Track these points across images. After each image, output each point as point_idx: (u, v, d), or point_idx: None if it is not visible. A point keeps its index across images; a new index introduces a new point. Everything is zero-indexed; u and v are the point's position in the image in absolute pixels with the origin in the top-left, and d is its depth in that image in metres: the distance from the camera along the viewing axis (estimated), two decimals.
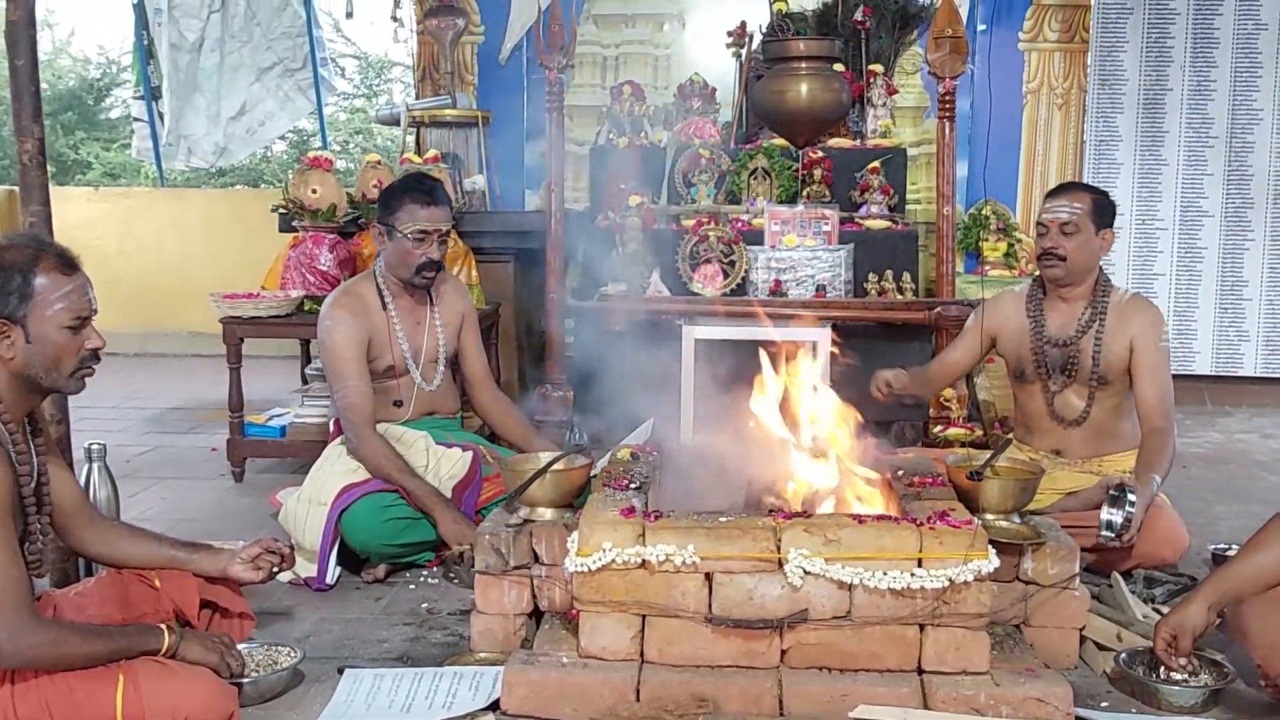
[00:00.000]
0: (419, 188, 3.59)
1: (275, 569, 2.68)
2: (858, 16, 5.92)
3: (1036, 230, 3.50)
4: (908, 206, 5.76)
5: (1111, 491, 3.02)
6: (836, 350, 3.88)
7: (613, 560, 2.44)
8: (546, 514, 2.82)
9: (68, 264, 2.25)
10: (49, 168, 3.07)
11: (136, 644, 2.26)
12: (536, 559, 2.74)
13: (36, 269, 2.20)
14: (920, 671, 2.44)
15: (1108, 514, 2.98)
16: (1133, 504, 2.96)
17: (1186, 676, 2.55)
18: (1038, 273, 3.56)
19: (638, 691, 2.39)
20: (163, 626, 2.33)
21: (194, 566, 2.59)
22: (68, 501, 2.47)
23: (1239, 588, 2.46)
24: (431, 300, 3.69)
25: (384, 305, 3.59)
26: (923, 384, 3.85)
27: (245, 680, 2.48)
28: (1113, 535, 2.97)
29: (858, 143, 5.65)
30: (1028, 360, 3.54)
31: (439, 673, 2.61)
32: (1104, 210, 3.45)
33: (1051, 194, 3.53)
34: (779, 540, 2.43)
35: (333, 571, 3.30)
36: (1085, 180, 6.43)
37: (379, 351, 3.56)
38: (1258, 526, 2.55)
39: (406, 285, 3.60)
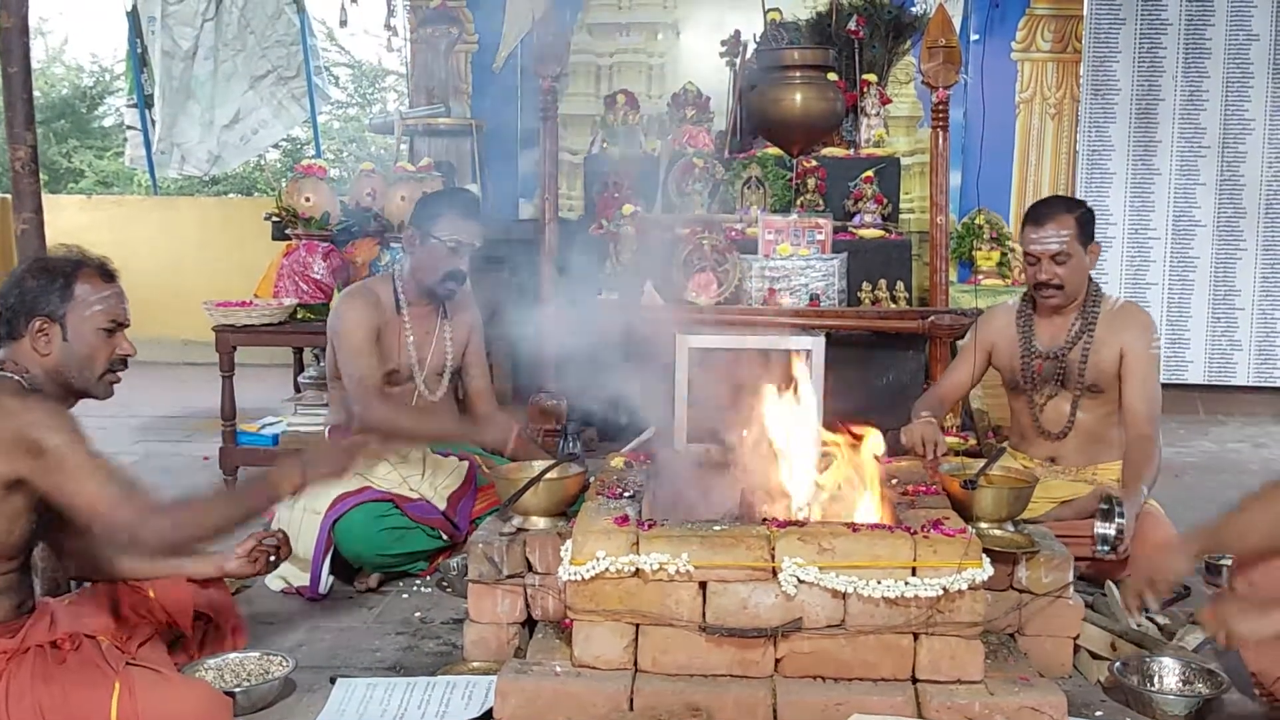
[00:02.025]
0: (463, 200, 3.72)
1: (271, 558, 2.68)
2: (851, 26, 5.93)
3: (1025, 260, 3.44)
4: (901, 216, 5.77)
5: (1101, 505, 3.02)
6: None
7: (606, 569, 2.43)
8: (540, 523, 2.82)
9: (107, 274, 2.40)
10: (41, 176, 3.07)
11: (259, 501, 2.35)
12: (530, 568, 2.74)
13: (78, 275, 2.35)
14: (914, 680, 2.43)
15: (1101, 528, 2.98)
16: (1123, 515, 2.96)
17: (1178, 682, 2.55)
18: (1027, 288, 3.56)
19: (631, 701, 2.39)
20: (274, 472, 2.36)
21: (188, 571, 2.59)
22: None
23: (1224, 542, 2.52)
24: (445, 313, 3.69)
25: (398, 308, 3.60)
26: (940, 414, 3.67)
27: (238, 690, 2.47)
28: (1108, 549, 2.97)
29: (851, 152, 5.66)
30: (1019, 372, 3.55)
31: (432, 682, 2.60)
32: (1088, 225, 3.41)
33: (1034, 220, 3.40)
34: (773, 549, 2.43)
35: (326, 580, 3.29)
36: (1078, 190, 6.46)
37: (387, 352, 3.56)
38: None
39: (425, 293, 3.61)
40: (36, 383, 2.28)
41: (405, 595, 3.32)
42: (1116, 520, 2.96)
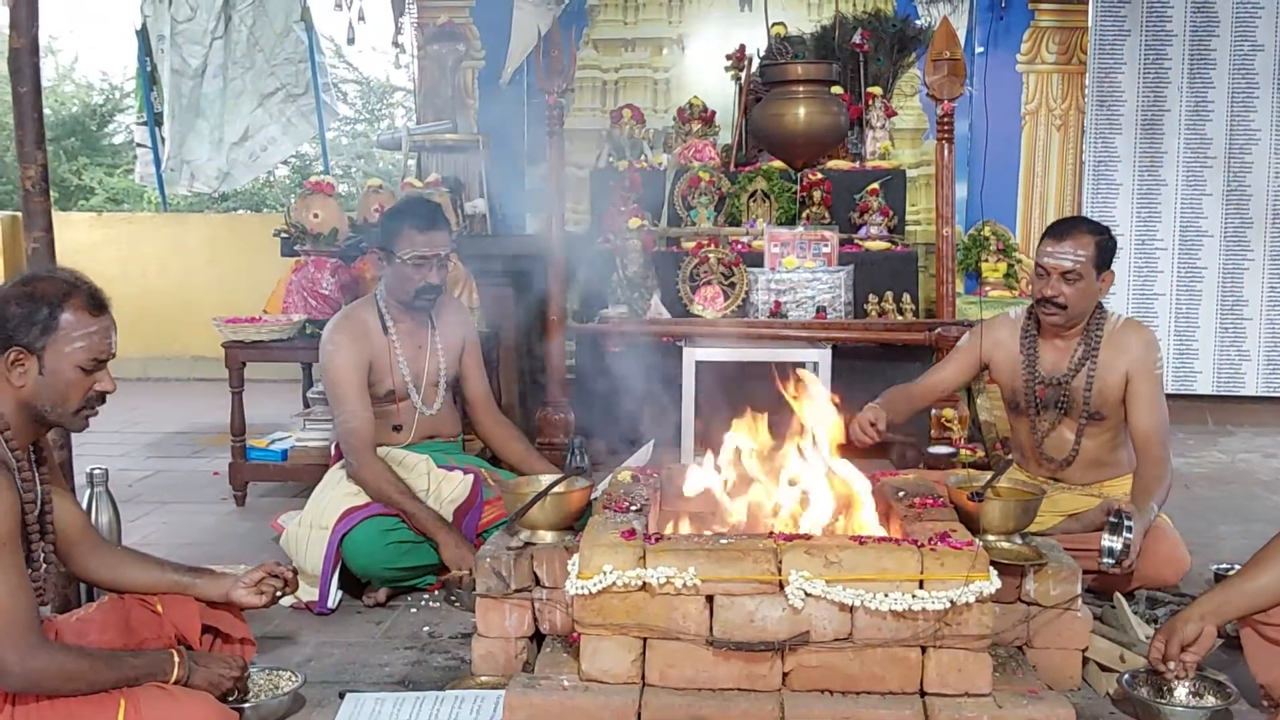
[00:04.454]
0: (417, 212, 3.61)
1: (278, 593, 2.67)
2: (856, 39, 5.96)
3: (1035, 271, 3.35)
4: (907, 228, 5.78)
5: (1110, 518, 3.00)
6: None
7: (613, 583, 2.43)
8: (547, 537, 2.82)
9: (97, 305, 2.28)
10: (52, 193, 3.09)
11: (144, 672, 2.26)
12: (537, 582, 2.74)
13: (65, 305, 2.22)
14: (922, 694, 2.43)
15: (1108, 541, 2.96)
16: (1130, 530, 2.95)
17: (1187, 694, 2.54)
18: (1031, 303, 3.51)
19: (639, 715, 2.39)
20: (173, 653, 2.33)
21: (196, 591, 2.59)
22: (71, 528, 2.48)
23: (1239, 604, 2.45)
24: (433, 324, 3.69)
25: (385, 329, 3.60)
26: (904, 406, 3.57)
27: (246, 705, 2.47)
28: (1113, 562, 2.96)
29: (857, 164, 5.67)
30: (1021, 394, 3.47)
31: (440, 696, 2.60)
32: (1107, 253, 3.30)
33: (1054, 234, 3.33)
34: (780, 562, 2.43)
35: (334, 595, 3.30)
36: (1084, 200, 6.46)
37: (380, 376, 3.57)
38: (1260, 546, 2.54)
39: (407, 309, 3.61)
40: (4, 419, 2.22)
41: (413, 610, 3.32)
42: (1124, 535, 2.95)
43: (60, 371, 2.23)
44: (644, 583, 2.43)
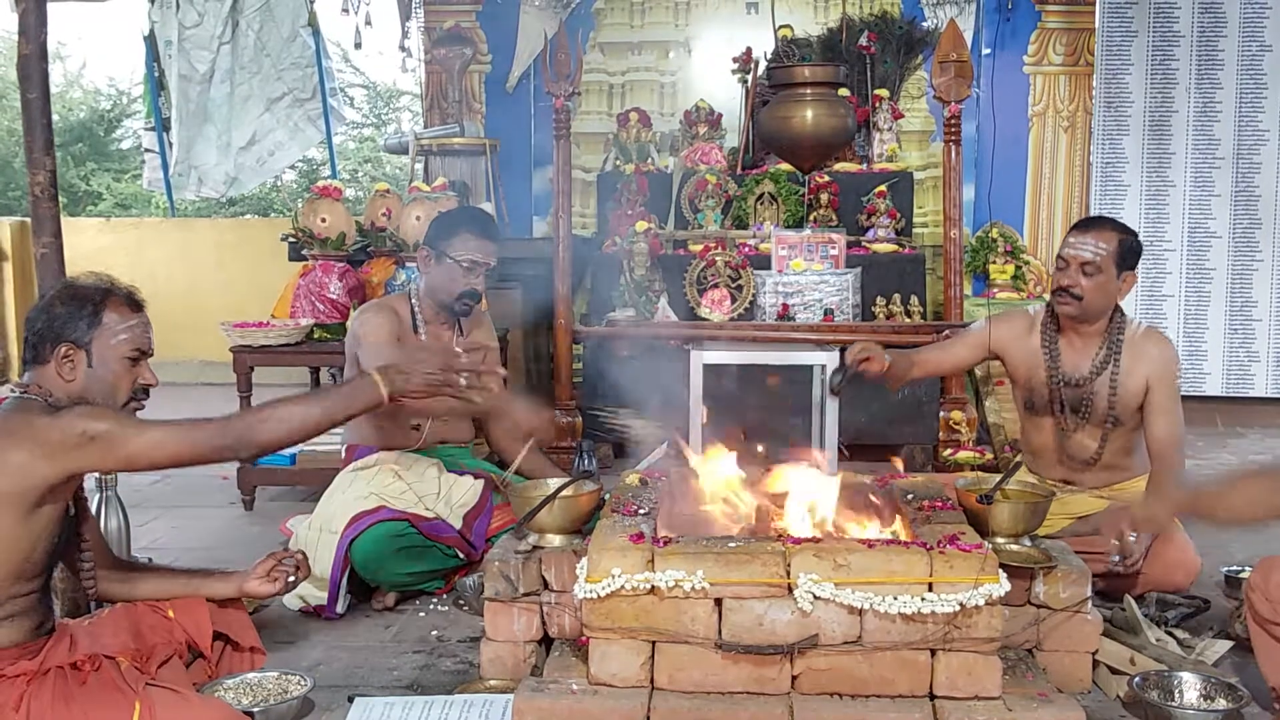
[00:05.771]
0: (477, 218, 3.69)
1: (290, 577, 2.70)
2: (863, 42, 5.96)
3: (1056, 263, 3.36)
4: (914, 230, 5.78)
5: None
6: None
7: (622, 586, 2.43)
8: (555, 540, 2.82)
9: (134, 303, 2.44)
10: (60, 198, 3.09)
11: (349, 399, 2.41)
12: (546, 585, 2.74)
13: (107, 302, 2.38)
14: (932, 697, 2.42)
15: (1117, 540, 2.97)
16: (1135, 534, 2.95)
17: (1198, 696, 2.54)
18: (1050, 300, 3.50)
19: (648, 718, 2.38)
20: (374, 374, 2.42)
21: (208, 590, 2.61)
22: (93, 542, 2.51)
23: (1208, 510, 2.61)
24: (461, 331, 3.71)
25: (415, 328, 3.62)
26: (902, 368, 3.54)
27: (256, 709, 2.48)
28: (1119, 559, 2.95)
29: (864, 167, 5.67)
30: (1040, 394, 3.44)
31: (449, 700, 2.60)
32: (1129, 253, 3.29)
33: (1079, 227, 3.36)
34: (788, 565, 2.43)
35: (343, 600, 3.30)
36: (1091, 201, 6.45)
37: None
38: (1270, 549, 2.54)
39: (441, 312, 3.62)
40: (60, 406, 2.30)
41: (422, 614, 3.33)
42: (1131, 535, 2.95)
43: (108, 363, 2.36)
44: (652, 586, 2.43)
